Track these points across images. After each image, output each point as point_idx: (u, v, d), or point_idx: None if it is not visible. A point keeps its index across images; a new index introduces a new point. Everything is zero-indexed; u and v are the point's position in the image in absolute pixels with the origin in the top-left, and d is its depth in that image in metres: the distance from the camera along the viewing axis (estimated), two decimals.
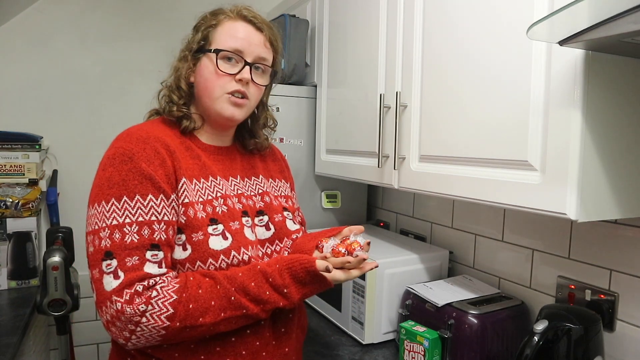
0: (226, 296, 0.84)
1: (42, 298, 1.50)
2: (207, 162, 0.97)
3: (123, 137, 0.89)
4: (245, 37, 0.96)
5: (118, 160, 0.85)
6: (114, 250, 0.81)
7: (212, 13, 0.99)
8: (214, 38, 0.96)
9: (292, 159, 1.78)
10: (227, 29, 0.96)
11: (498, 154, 0.98)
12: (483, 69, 1.01)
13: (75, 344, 2.03)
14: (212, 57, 0.94)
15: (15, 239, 1.69)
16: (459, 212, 1.57)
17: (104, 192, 0.84)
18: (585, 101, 0.82)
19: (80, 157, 2.04)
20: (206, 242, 0.88)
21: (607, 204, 0.88)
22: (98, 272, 0.81)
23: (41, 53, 1.97)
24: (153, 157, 0.87)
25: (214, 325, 0.83)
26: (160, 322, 0.79)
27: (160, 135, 0.92)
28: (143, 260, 0.82)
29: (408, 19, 1.24)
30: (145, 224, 0.83)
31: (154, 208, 0.84)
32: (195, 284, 0.84)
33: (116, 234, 0.81)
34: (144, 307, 0.78)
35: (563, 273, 1.22)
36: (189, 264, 0.88)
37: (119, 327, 0.79)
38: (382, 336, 1.39)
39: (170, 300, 0.80)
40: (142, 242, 0.82)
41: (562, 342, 1.00)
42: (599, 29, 0.69)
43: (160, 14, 2.14)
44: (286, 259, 0.90)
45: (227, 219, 0.93)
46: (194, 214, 0.89)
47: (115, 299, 0.78)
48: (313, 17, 1.79)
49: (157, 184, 0.85)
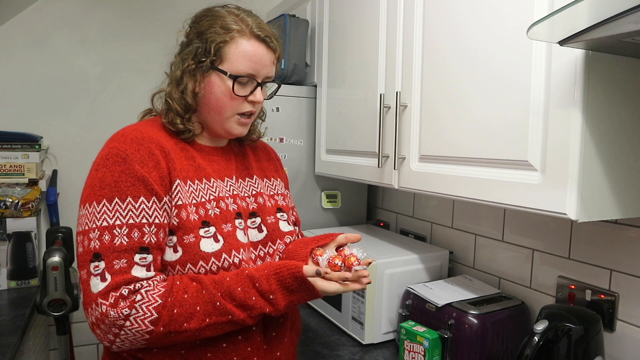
0: (212, 301, 0.83)
1: (42, 298, 1.50)
2: (202, 163, 0.97)
3: (117, 138, 0.88)
4: (259, 59, 0.94)
5: (111, 161, 0.84)
6: (103, 252, 0.80)
7: (223, 27, 0.92)
8: (227, 57, 0.92)
9: (292, 159, 1.78)
10: (242, 50, 0.92)
11: (498, 153, 0.98)
12: (483, 69, 1.01)
13: (75, 344, 2.03)
14: (225, 79, 0.92)
15: (15, 239, 1.69)
16: (459, 212, 1.57)
17: (96, 193, 0.83)
18: (585, 101, 0.82)
19: (80, 157, 2.04)
20: (197, 244, 0.88)
21: (607, 204, 0.88)
22: (86, 273, 0.81)
23: (41, 53, 1.97)
24: (147, 158, 0.86)
25: (198, 330, 0.83)
26: (144, 327, 0.79)
27: (155, 136, 0.90)
28: (131, 263, 0.81)
29: (408, 19, 1.24)
30: (136, 227, 0.82)
31: (145, 210, 0.84)
32: (181, 288, 0.83)
33: (105, 235, 0.81)
34: (127, 311, 0.78)
35: (563, 273, 1.22)
36: (179, 266, 0.87)
37: (103, 329, 0.79)
38: (382, 336, 1.39)
39: (154, 304, 0.80)
40: (131, 245, 0.82)
41: (562, 342, 1.00)
42: (599, 29, 0.69)
43: (160, 13, 2.14)
44: (275, 265, 0.88)
45: (220, 222, 0.92)
46: (186, 216, 0.88)
47: (100, 301, 0.78)
48: (313, 17, 1.79)
49: (150, 186, 0.85)
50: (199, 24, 0.96)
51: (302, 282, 0.86)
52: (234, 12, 0.95)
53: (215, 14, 0.95)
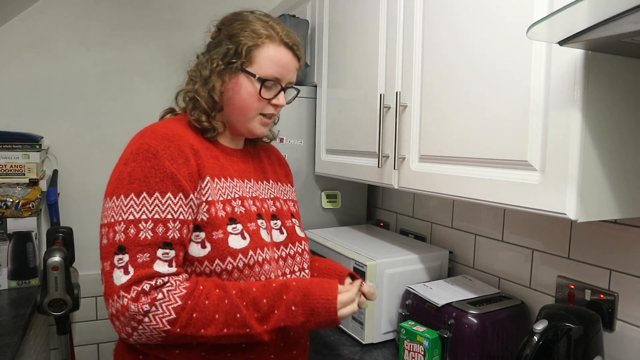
0: (232, 312, 0.84)
1: (42, 298, 1.50)
2: (225, 163, 0.99)
3: (147, 134, 0.90)
4: (286, 65, 0.98)
5: (142, 156, 0.86)
6: (127, 245, 0.82)
7: (254, 31, 0.96)
8: (256, 60, 0.95)
9: (292, 159, 1.78)
10: (271, 55, 0.96)
11: (498, 153, 0.98)
12: (483, 70, 1.01)
13: (75, 344, 2.03)
14: (253, 81, 0.96)
15: (15, 239, 1.69)
16: (459, 212, 1.57)
17: (124, 187, 0.84)
18: (585, 101, 0.82)
19: (80, 157, 2.04)
20: (225, 240, 0.89)
21: (607, 204, 0.88)
22: (109, 265, 0.82)
23: (41, 53, 1.97)
24: (177, 155, 0.88)
25: (214, 338, 0.83)
26: (161, 325, 0.80)
27: (183, 134, 0.92)
28: (154, 257, 0.82)
29: (408, 19, 1.24)
30: (161, 222, 0.84)
31: (171, 206, 0.85)
32: (204, 293, 0.84)
33: (131, 229, 0.82)
34: (147, 307, 0.79)
35: (563, 273, 1.22)
36: (207, 262, 0.88)
37: (122, 321, 0.80)
38: (382, 336, 1.39)
39: (174, 304, 0.81)
40: (155, 240, 0.83)
41: (562, 342, 1.00)
42: (599, 29, 0.69)
43: (160, 14, 2.14)
44: (307, 281, 0.92)
45: (245, 220, 0.94)
46: (215, 212, 0.90)
47: (122, 294, 0.79)
48: (313, 17, 1.79)
49: (178, 183, 0.86)
50: (230, 26, 0.98)
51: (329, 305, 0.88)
52: (263, 19, 0.99)
53: (245, 18, 0.98)
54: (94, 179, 2.03)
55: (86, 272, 1.96)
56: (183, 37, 2.13)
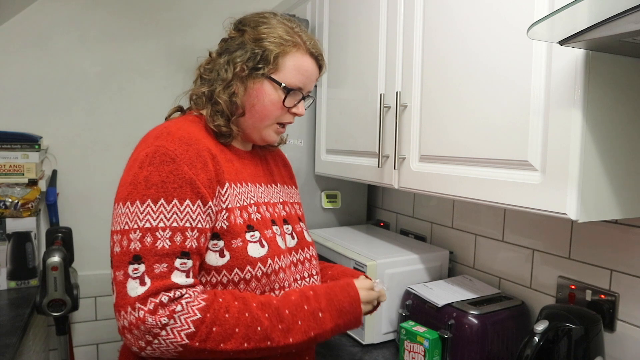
0: (253, 326, 0.80)
1: (41, 298, 1.50)
2: (238, 167, 0.96)
3: (164, 136, 0.84)
4: (310, 75, 0.98)
5: (159, 160, 0.81)
6: (143, 255, 0.77)
7: (281, 37, 0.93)
8: (282, 68, 0.93)
9: (292, 159, 1.77)
10: (297, 63, 0.95)
11: (498, 153, 0.98)
12: (483, 69, 1.01)
13: (75, 344, 2.03)
14: (278, 89, 0.93)
15: (14, 239, 1.68)
16: (459, 212, 1.57)
17: (140, 192, 0.79)
18: (585, 101, 0.82)
19: (79, 157, 2.04)
20: (245, 249, 0.86)
21: (607, 204, 0.88)
22: (123, 274, 0.77)
23: (41, 53, 1.97)
24: (195, 159, 0.83)
25: (235, 353, 0.80)
26: (179, 338, 0.76)
27: (200, 137, 0.88)
28: (172, 268, 0.78)
29: (408, 19, 1.24)
30: (179, 230, 0.79)
31: (190, 214, 0.81)
32: (223, 306, 0.80)
33: (148, 237, 0.78)
34: (165, 320, 0.75)
35: (563, 273, 1.22)
36: (225, 271, 0.85)
37: (135, 335, 0.76)
38: (382, 336, 1.39)
39: (193, 317, 0.77)
40: (173, 249, 0.79)
41: (562, 343, 1.00)
42: (599, 29, 0.69)
43: (160, 14, 2.14)
44: (324, 286, 0.92)
45: (262, 227, 0.92)
46: (234, 219, 0.87)
47: (138, 306, 0.75)
48: (313, 17, 1.79)
49: (197, 189, 0.82)
50: (255, 29, 0.94)
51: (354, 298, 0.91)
52: (287, 24, 0.96)
53: (270, 21, 0.95)
54: (94, 179, 2.04)
55: (85, 272, 1.96)
56: (183, 37, 2.12)
